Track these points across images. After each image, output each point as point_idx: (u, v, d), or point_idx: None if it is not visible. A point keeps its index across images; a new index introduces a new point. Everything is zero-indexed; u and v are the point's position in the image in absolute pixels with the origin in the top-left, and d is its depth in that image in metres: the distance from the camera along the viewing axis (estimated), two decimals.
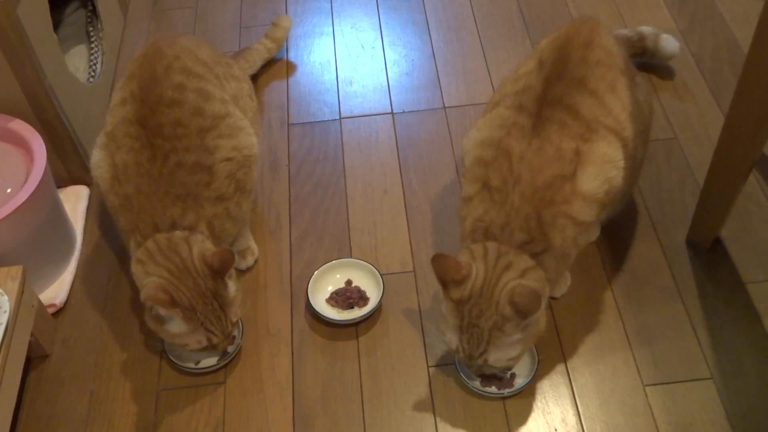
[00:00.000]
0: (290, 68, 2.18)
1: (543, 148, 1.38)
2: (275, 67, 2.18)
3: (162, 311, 1.36)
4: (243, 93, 1.66)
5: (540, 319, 1.36)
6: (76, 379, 1.57)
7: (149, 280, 1.39)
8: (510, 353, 1.37)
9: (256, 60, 2.09)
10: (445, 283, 1.34)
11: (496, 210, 1.38)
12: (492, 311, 1.31)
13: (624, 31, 2.04)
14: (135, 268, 1.44)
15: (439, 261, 1.34)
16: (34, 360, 1.59)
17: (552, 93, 1.41)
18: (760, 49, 1.31)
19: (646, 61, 2.05)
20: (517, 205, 1.36)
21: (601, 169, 1.38)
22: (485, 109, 1.57)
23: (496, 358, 1.37)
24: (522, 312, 1.29)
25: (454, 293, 1.33)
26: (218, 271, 1.39)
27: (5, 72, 1.62)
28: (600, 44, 1.48)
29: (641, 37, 2.02)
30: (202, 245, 1.43)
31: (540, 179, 1.36)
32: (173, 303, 1.35)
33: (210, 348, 1.44)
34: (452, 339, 1.38)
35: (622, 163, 1.42)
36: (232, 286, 1.44)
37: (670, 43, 2.01)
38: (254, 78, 2.10)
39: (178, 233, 1.44)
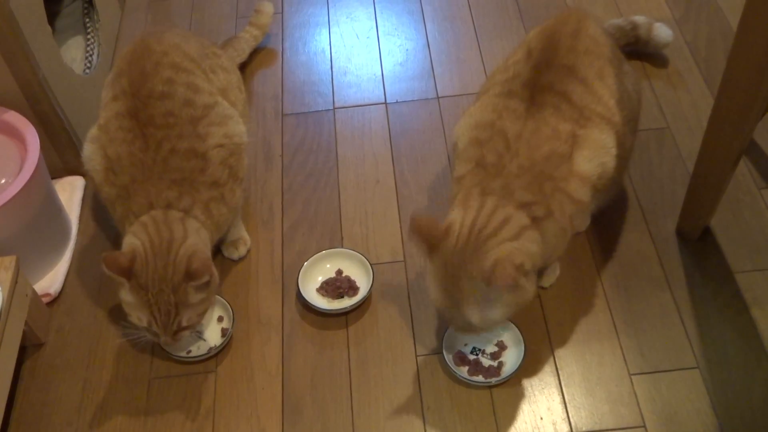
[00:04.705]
0: (285, 58, 2.19)
1: (539, 129, 1.40)
2: (270, 57, 2.19)
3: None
4: (232, 85, 1.68)
5: (526, 287, 1.32)
6: (70, 367, 1.59)
7: (129, 241, 1.41)
8: (491, 313, 1.32)
9: (244, 48, 2.10)
10: (428, 245, 1.31)
11: (490, 179, 1.38)
12: (475, 267, 1.28)
13: (617, 21, 2.03)
14: (126, 238, 1.44)
15: (416, 225, 1.31)
16: (28, 348, 1.62)
17: (542, 80, 1.44)
18: (745, 38, 1.31)
19: (640, 49, 2.04)
20: (515, 173, 1.36)
21: (596, 153, 1.41)
22: (475, 99, 1.58)
23: (477, 316, 1.32)
24: (495, 286, 1.26)
25: (435, 257, 1.31)
26: (187, 275, 1.37)
27: None
28: (587, 34, 1.50)
29: (634, 27, 2.01)
30: (197, 238, 1.44)
31: (539, 153, 1.38)
32: (127, 272, 1.35)
33: (151, 333, 1.43)
34: (432, 289, 1.36)
35: (614, 150, 1.44)
36: (197, 296, 1.40)
37: (663, 32, 2.01)
38: (244, 67, 2.11)
39: (174, 212, 1.45)
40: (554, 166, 1.38)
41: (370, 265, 1.65)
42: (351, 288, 1.64)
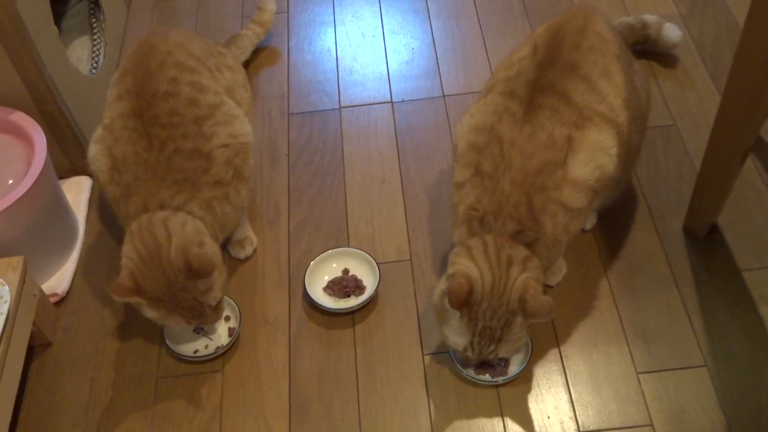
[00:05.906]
0: (291, 58, 2.19)
1: (535, 134, 1.39)
2: (275, 56, 2.19)
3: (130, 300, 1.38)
4: (238, 84, 1.68)
5: None
6: (78, 366, 1.60)
7: (124, 265, 1.41)
8: (518, 343, 1.40)
9: (247, 46, 2.10)
10: (461, 307, 1.34)
11: (487, 197, 1.39)
12: (503, 309, 1.33)
13: (627, 19, 2.02)
14: (123, 248, 1.45)
15: (453, 299, 1.32)
16: (36, 348, 1.63)
17: (544, 79, 1.42)
18: (752, 34, 1.30)
19: (648, 48, 2.03)
20: (507, 191, 1.37)
21: (593, 156, 1.39)
22: (480, 96, 1.57)
23: (506, 350, 1.40)
24: (531, 314, 1.32)
25: (466, 311, 1.34)
26: (193, 272, 1.37)
27: (5, 65, 1.65)
28: (594, 30, 1.48)
29: (644, 26, 2.01)
30: (182, 231, 1.41)
31: (531, 165, 1.37)
32: (138, 291, 1.37)
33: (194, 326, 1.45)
34: (459, 342, 1.39)
35: (614, 150, 1.42)
36: (205, 284, 1.40)
37: (673, 32, 2.00)
38: (247, 65, 2.11)
39: (159, 213, 1.44)
40: (547, 175, 1.37)
41: (377, 264, 1.65)
42: (357, 287, 1.64)
